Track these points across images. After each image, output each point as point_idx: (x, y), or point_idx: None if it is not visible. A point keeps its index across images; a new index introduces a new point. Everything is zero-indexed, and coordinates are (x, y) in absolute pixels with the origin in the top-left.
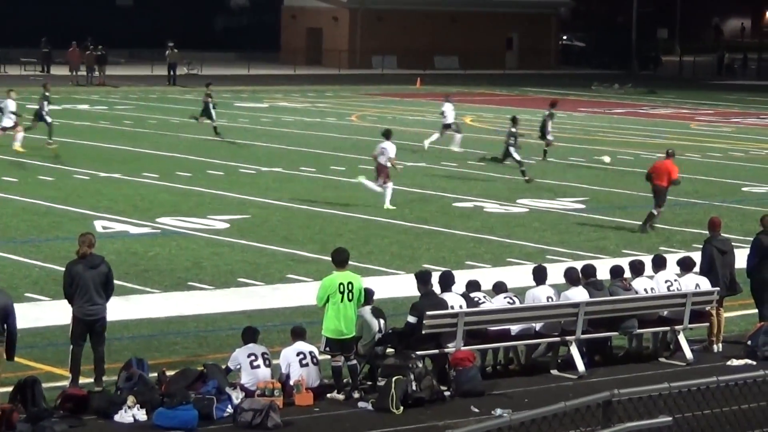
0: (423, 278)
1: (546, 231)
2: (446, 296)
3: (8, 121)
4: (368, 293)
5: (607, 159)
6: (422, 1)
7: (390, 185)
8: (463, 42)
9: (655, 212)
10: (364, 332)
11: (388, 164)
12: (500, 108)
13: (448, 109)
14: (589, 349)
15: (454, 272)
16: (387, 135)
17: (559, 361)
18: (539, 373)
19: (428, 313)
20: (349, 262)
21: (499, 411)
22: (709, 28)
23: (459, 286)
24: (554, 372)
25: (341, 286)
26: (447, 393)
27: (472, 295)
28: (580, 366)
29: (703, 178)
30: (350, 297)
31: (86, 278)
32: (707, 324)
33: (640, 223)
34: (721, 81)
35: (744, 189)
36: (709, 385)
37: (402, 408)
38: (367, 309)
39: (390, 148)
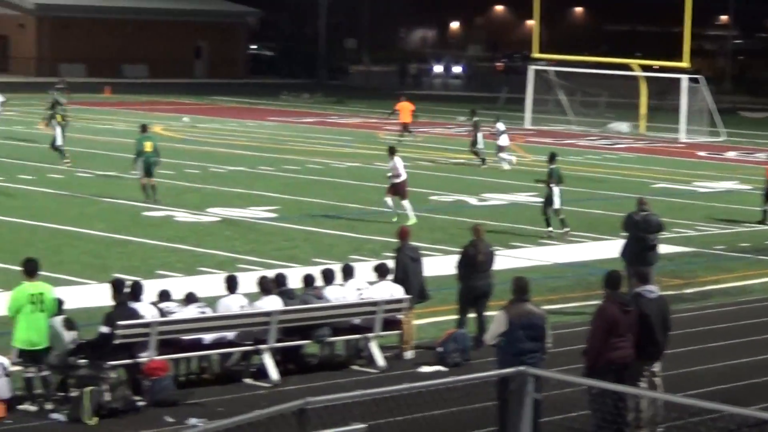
0: (117, 287)
1: (237, 240)
2: (138, 306)
3: None
4: (58, 303)
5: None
6: (109, 10)
7: None
8: (151, 51)
9: None
10: (56, 343)
11: None
12: (191, 117)
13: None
14: (282, 358)
15: (146, 282)
16: None
17: (252, 369)
18: (233, 382)
19: (120, 323)
20: (40, 273)
21: (193, 420)
22: (397, 38)
23: (150, 296)
24: (248, 381)
25: (32, 297)
26: (141, 403)
27: (163, 305)
28: (274, 374)
29: None
30: (42, 307)
31: None
32: (399, 331)
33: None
34: (407, 91)
35: (432, 198)
36: (401, 392)
37: (96, 419)
38: (58, 319)
39: None
